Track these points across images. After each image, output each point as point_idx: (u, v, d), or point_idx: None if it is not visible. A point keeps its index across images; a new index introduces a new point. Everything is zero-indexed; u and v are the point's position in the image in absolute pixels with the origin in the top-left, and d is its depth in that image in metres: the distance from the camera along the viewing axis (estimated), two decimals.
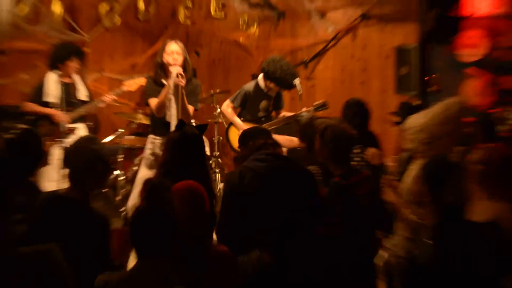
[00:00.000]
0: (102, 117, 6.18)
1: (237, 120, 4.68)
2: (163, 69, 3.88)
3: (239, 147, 2.96)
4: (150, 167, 3.89)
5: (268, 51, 5.89)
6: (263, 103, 4.65)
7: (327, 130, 2.73)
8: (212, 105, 5.60)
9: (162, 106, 3.75)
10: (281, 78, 4.45)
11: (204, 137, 5.96)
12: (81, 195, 2.36)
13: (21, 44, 5.43)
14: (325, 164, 2.83)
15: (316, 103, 4.57)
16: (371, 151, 3.45)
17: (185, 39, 6.52)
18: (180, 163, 2.59)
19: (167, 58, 3.82)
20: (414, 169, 2.73)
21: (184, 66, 3.86)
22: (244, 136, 2.96)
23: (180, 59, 3.83)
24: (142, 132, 6.47)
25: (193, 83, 4.00)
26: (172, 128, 3.52)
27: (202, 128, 2.86)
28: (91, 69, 5.98)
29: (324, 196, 2.53)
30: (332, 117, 5.28)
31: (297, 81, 4.46)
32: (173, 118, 3.70)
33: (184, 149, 2.68)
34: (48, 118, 4.44)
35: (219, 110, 5.35)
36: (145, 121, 5.49)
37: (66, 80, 4.53)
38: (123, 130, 5.42)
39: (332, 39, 5.71)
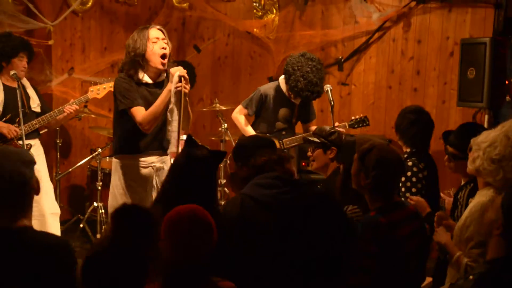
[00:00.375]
0: (74, 133, 6.70)
1: (251, 131, 5.08)
2: (145, 64, 4.10)
3: (234, 161, 3.22)
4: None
5: (291, 46, 6.28)
6: (283, 111, 5.06)
7: (370, 153, 2.99)
8: (217, 118, 6.05)
9: (157, 118, 4.00)
10: (293, 77, 4.81)
11: None
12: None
13: None
14: (361, 194, 3.15)
15: (354, 117, 4.94)
16: (414, 199, 3.71)
17: (181, 29, 7.03)
18: (179, 193, 2.88)
19: (154, 47, 4.07)
20: (477, 201, 3.09)
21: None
22: (242, 147, 3.21)
23: (168, 48, 4.15)
24: None
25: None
26: (173, 147, 3.94)
27: (218, 157, 3.09)
28: (57, 68, 6.50)
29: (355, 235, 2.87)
30: (376, 135, 5.71)
31: (328, 87, 4.86)
32: (173, 134, 3.95)
33: (186, 175, 2.94)
34: None
35: (225, 125, 5.80)
36: None
37: (12, 83, 4.95)
38: (100, 151, 5.88)
39: (377, 30, 6.09)
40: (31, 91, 5.21)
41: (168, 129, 3.97)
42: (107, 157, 6.32)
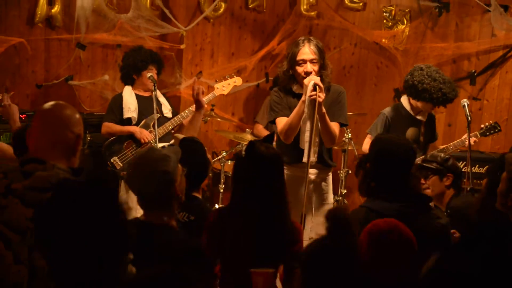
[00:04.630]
0: (199, 135, 6.73)
1: None
2: (294, 79, 4.12)
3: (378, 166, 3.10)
4: None
5: (420, 59, 6.01)
6: (411, 131, 4.78)
7: None
8: (341, 128, 5.83)
9: (293, 129, 3.94)
10: (433, 89, 4.56)
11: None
12: None
13: (104, 37, 6.13)
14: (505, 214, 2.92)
15: (484, 125, 4.63)
16: None
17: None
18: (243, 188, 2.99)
19: (299, 69, 4.03)
20: None
21: (321, 75, 4.03)
22: (382, 144, 3.14)
23: (315, 71, 4.01)
24: None
25: (333, 90, 4.18)
26: (305, 156, 3.83)
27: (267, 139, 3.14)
28: (187, 72, 6.58)
29: None
30: None
31: (465, 102, 4.62)
32: (306, 145, 3.87)
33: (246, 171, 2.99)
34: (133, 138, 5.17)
35: (349, 135, 5.62)
36: None
37: (144, 93, 5.28)
38: (225, 154, 5.89)
39: None
40: (162, 98, 5.40)
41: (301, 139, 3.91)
42: (229, 161, 6.31)
